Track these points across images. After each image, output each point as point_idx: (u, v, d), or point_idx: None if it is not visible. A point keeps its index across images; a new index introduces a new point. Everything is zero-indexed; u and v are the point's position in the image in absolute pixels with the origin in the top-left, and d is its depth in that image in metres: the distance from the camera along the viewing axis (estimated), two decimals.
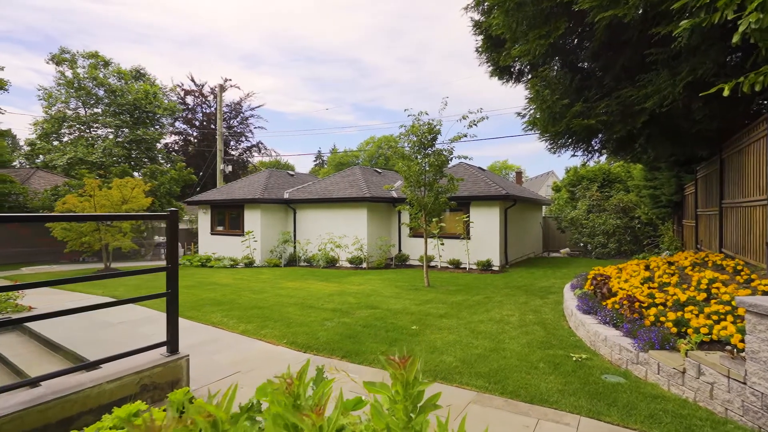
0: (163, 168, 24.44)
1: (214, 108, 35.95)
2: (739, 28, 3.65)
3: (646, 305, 4.88)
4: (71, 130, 26.86)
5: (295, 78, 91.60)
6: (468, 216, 13.22)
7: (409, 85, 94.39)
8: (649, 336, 4.05)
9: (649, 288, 5.52)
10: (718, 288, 4.72)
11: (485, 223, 13.14)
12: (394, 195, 14.99)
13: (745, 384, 3.01)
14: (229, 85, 36.37)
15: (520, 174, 42.59)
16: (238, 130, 38.20)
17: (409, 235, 14.70)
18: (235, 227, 16.10)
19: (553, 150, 9.28)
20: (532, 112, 8.30)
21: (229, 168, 32.90)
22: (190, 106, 36.27)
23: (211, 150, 31.55)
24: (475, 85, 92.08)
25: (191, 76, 43.99)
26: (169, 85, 39.19)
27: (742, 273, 5.21)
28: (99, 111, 26.41)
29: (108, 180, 16.92)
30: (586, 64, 8.17)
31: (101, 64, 26.45)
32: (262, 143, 40.16)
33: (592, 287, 6.14)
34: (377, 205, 14.65)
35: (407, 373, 1.76)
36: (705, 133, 7.41)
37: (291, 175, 19.77)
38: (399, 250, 14.98)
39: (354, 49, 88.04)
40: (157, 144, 28.05)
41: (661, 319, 4.35)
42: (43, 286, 3.33)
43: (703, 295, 4.63)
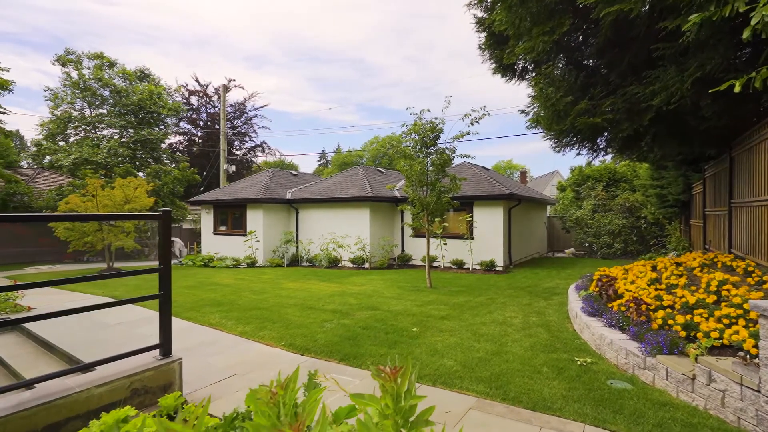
0: (166, 168, 24.48)
1: (218, 108, 36.00)
2: (751, 21, 3.51)
3: (653, 308, 4.74)
4: (77, 131, 27.02)
5: (299, 78, 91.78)
6: (471, 216, 13.08)
7: (413, 85, 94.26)
8: (656, 340, 3.92)
9: (656, 290, 5.38)
10: (728, 290, 4.57)
11: (489, 222, 12.99)
12: (396, 195, 14.88)
13: (759, 392, 2.87)
14: (233, 86, 36.45)
15: (524, 173, 42.29)
16: (242, 130, 38.26)
17: (411, 235, 14.58)
18: (238, 227, 16.06)
19: (557, 149, 9.13)
20: (535, 110, 8.17)
21: (233, 168, 32.93)
22: (194, 107, 36.38)
23: (215, 150, 31.61)
24: (478, 85, 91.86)
25: (195, 77, 44.12)
26: (174, 85, 39.32)
27: (754, 274, 5.05)
28: (104, 111, 26.54)
29: (112, 180, 16.96)
30: (591, 62, 8.02)
31: (106, 64, 26.58)
32: (266, 143, 40.17)
33: (598, 289, 6.00)
34: (380, 204, 14.54)
35: (398, 385, 1.64)
36: (713, 131, 7.23)
37: (294, 175, 19.72)
38: (402, 250, 14.87)
39: (358, 49, 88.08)
40: (161, 144, 28.15)
41: (669, 322, 4.21)
42: (38, 287, 3.29)
43: (713, 298, 4.47)
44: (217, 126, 34.89)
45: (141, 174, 25.02)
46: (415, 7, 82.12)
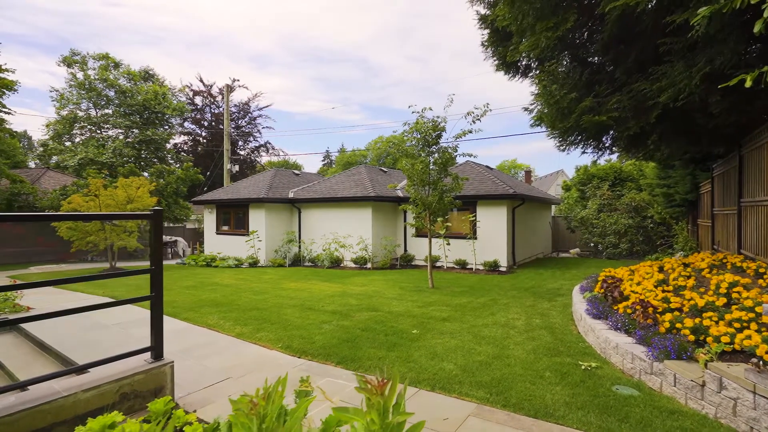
0: (170, 168, 24.52)
1: (222, 108, 36.06)
2: (763, 14, 3.36)
3: (660, 310, 4.59)
4: (82, 131, 27.16)
5: (303, 78, 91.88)
6: (474, 215, 12.94)
7: (417, 85, 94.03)
8: (664, 344, 3.78)
9: (663, 291, 5.23)
10: (739, 292, 4.42)
11: (492, 222, 12.84)
12: (399, 194, 14.76)
13: None
14: (237, 86, 36.53)
15: (529, 173, 42.04)
16: (246, 130, 38.31)
17: (414, 235, 14.45)
18: (240, 227, 16.02)
19: (562, 147, 8.96)
20: (539, 107, 8.02)
21: (236, 167, 33.01)
22: (198, 107, 36.48)
23: (219, 150, 31.67)
24: (482, 84, 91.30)
25: (200, 77, 44.28)
26: (179, 86, 39.49)
27: (765, 276, 4.88)
28: (109, 112, 26.65)
29: (116, 180, 16.98)
30: (596, 59, 7.85)
31: (111, 65, 26.68)
32: (270, 143, 40.21)
33: (602, 290, 5.85)
34: (382, 204, 14.43)
35: (385, 399, 1.52)
36: (722, 128, 7.05)
37: (296, 175, 19.65)
38: (404, 250, 14.75)
39: (363, 49, 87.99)
40: (166, 144, 28.22)
41: (677, 325, 4.06)
42: (34, 287, 3.25)
43: (723, 300, 4.32)
44: (221, 126, 34.96)
45: (145, 174, 25.11)
46: (419, 7, 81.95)
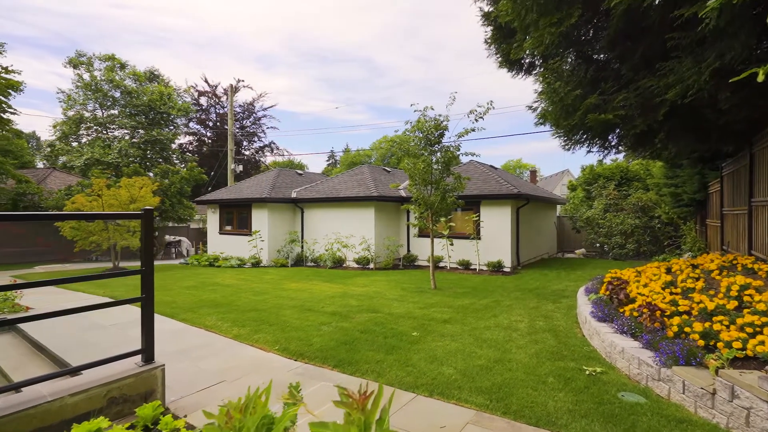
0: (174, 168, 24.59)
1: (227, 109, 36.15)
2: None
3: (668, 313, 4.44)
4: (89, 132, 27.33)
5: (308, 78, 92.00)
6: (478, 215, 12.79)
7: (422, 84, 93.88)
8: (672, 349, 3.63)
9: (671, 294, 5.07)
10: (751, 295, 4.25)
11: (496, 222, 12.68)
12: (402, 194, 14.64)
13: None
14: (242, 86, 36.59)
15: (534, 173, 41.72)
16: (251, 130, 38.36)
17: (417, 236, 14.32)
18: (243, 227, 15.98)
19: (567, 147, 8.79)
20: (543, 105, 7.87)
21: (240, 167, 33.07)
22: (203, 107, 36.59)
23: (224, 150, 31.70)
24: (487, 83, 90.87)
25: (205, 77, 44.35)
26: (184, 86, 39.61)
27: None
28: (115, 112, 26.79)
29: (121, 180, 17.04)
30: (602, 56, 7.69)
31: (117, 66, 26.81)
32: (275, 143, 40.26)
33: (608, 292, 5.70)
34: (385, 204, 14.32)
35: (367, 414, 1.40)
36: (732, 125, 6.87)
37: (299, 174, 19.60)
38: (408, 250, 14.63)
39: (367, 49, 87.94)
40: (171, 144, 28.32)
41: (686, 330, 3.91)
42: (30, 287, 3.21)
43: (734, 304, 4.16)
44: (226, 126, 35.03)
45: (150, 174, 25.21)
46: (424, 6, 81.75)
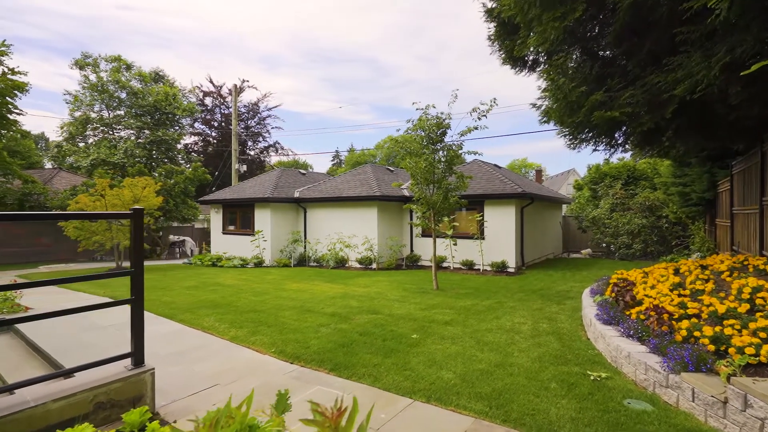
0: (178, 168, 24.66)
1: (231, 109, 36.23)
2: None
3: (676, 317, 4.28)
4: (95, 132, 27.51)
5: (313, 79, 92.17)
6: (482, 215, 12.63)
7: (426, 84, 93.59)
8: (680, 354, 3.48)
9: (679, 296, 4.90)
10: (764, 298, 4.08)
11: (500, 222, 12.51)
12: (405, 193, 14.50)
13: None
14: (247, 86, 36.64)
15: (540, 172, 41.40)
16: (256, 131, 38.39)
17: (419, 235, 14.19)
18: (246, 226, 15.94)
19: (572, 145, 8.61)
20: (547, 103, 7.71)
21: (244, 167, 33.10)
22: (208, 107, 36.67)
23: (229, 150, 31.74)
24: (491, 83, 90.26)
25: (210, 78, 44.57)
26: (189, 87, 39.79)
27: None
28: (121, 113, 26.93)
29: (126, 180, 17.08)
30: (608, 52, 7.52)
31: (123, 67, 26.94)
32: (279, 143, 40.26)
33: (614, 294, 5.54)
34: (388, 204, 14.20)
35: None
36: (743, 121, 6.67)
37: (302, 174, 19.53)
38: (411, 250, 14.50)
39: (372, 49, 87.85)
40: (177, 145, 28.41)
41: (696, 334, 3.75)
42: (26, 287, 3.19)
43: (746, 307, 3.99)
44: (230, 126, 35.08)
45: (155, 174, 25.31)
46: (428, 7, 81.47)
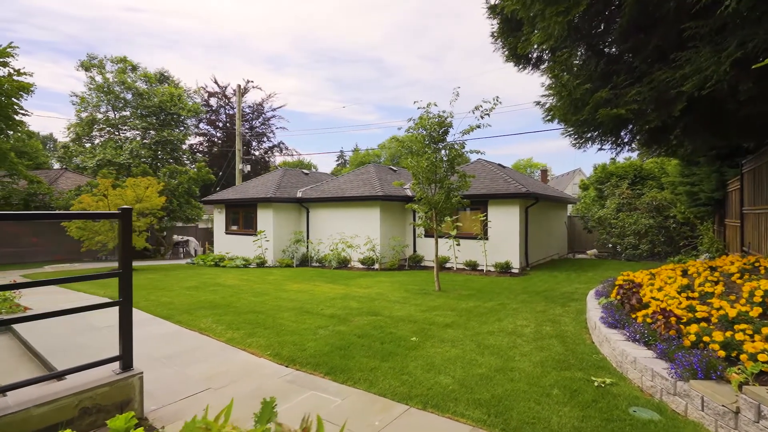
0: (181, 168, 24.72)
1: (236, 109, 36.32)
2: None
3: (684, 321, 4.13)
4: (101, 133, 27.68)
5: (318, 79, 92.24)
6: (485, 215, 12.47)
7: (430, 84, 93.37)
8: (689, 360, 3.33)
9: (687, 299, 4.74)
10: None
11: (504, 222, 12.35)
12: (408, 193, 14.37)
13: None
14: (251, 87, 36.72)
15: (545, 172, 41.07)
16: (260, 131, 38.45)
17: (422, 236, 14.06)
18: (249, 226, 15.90)
19: (578, 144, 8.44)
20: (551, 101, 7.56)
21: (248, 167, 33.16)
22: (213, 108, 36.78)
23: (233, 150, 31.83)
24: (496, 82, 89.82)
25: (214, 78, 44.61)
26: (194, 87, 39.93)
27: None
28: (127, 114, 27.06)
29: (130, 180, 17.10)
30: (613, 49, 7.35)
31: (129, 68, 27.07)
32: (284, 143, 40.37)
33: (619, 297, 5.38)
34: (391, 204, 14.08)
35: None
36: (754, 118, 6.48)
37: (305, 174, 19.47)
38: (414, 250, 14.37)
39: (376, 49, 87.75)
40: (182, 145, 28.50)
41: (705, 339, 3.60)
42: (20, 288, 3.19)
43: (759, 310, 3.83)
44: (235, 127, 35.19)
45: (159, 174, 25.37)
46: (433, 6, 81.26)
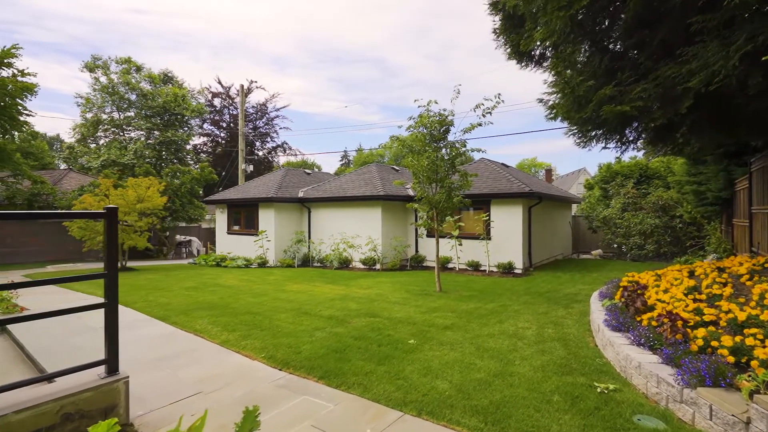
0: (184, 168, 24.76)
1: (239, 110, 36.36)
2: None
3: (691, 324, 3.98)
4: (106, 134, 27.82)
5: (322, 79, 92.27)
6: (488, 215, 12.32)
7: (435, 83, 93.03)
8: (696, 366, 3.18)
9: (694, 301, 4.59)
10: None
11: (507, 222, 12.19)
12: (410, 192, 14.25)
13: None
14: (255, 87, 36.76)
15: (549, 171, 40.81)
16: (264, 131, 38.46)
17: (422, 236, 13.93)
18: (250, 226, 15.86)
19: (582, 143, 8.27)
20: (554, 98, 7.41)
21: (251, 167, 33.11)
22: (217, 108, 36.85)
23: (237, 150, 31.87)
24: (500, 82, 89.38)
25: (218, 79, 44.75)
26: (198, 88, 40.03)
27: None
28: (131, 114, 27.16)
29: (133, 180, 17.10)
30: (618, 45, 7.19)
31: (133, 69, 27.16)
32: (287, 143, 40.30)
33: (623, 299, 5.23)
34: (392, 204, 13.96)
35: None
36: (763, 114, 6.29)
37: (307, 174, 19.40)
38: (416, 250, 14.24)
39: (381, 49, 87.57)
40: (186, 145, 28.57)
41: (713, 343, 3.45)
42: (18, 288, 3.12)
43: None
44: (238, 127, 35.22)
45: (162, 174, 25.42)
46: (437, 6, 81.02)
